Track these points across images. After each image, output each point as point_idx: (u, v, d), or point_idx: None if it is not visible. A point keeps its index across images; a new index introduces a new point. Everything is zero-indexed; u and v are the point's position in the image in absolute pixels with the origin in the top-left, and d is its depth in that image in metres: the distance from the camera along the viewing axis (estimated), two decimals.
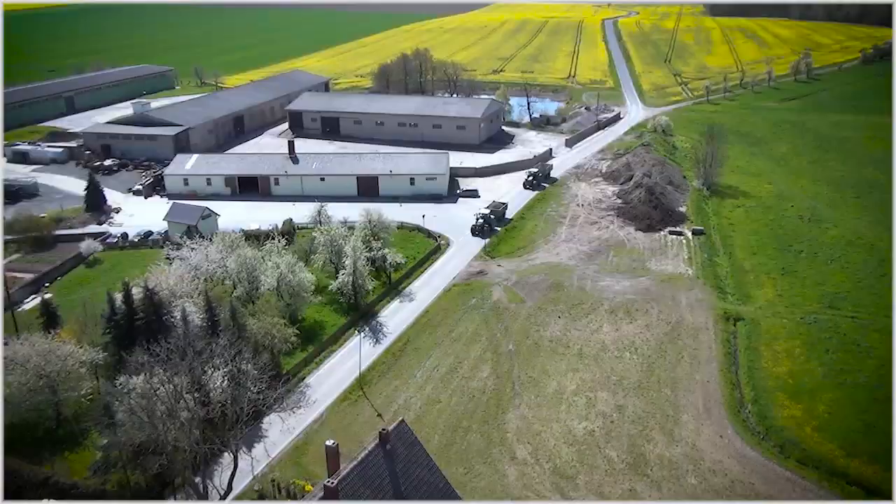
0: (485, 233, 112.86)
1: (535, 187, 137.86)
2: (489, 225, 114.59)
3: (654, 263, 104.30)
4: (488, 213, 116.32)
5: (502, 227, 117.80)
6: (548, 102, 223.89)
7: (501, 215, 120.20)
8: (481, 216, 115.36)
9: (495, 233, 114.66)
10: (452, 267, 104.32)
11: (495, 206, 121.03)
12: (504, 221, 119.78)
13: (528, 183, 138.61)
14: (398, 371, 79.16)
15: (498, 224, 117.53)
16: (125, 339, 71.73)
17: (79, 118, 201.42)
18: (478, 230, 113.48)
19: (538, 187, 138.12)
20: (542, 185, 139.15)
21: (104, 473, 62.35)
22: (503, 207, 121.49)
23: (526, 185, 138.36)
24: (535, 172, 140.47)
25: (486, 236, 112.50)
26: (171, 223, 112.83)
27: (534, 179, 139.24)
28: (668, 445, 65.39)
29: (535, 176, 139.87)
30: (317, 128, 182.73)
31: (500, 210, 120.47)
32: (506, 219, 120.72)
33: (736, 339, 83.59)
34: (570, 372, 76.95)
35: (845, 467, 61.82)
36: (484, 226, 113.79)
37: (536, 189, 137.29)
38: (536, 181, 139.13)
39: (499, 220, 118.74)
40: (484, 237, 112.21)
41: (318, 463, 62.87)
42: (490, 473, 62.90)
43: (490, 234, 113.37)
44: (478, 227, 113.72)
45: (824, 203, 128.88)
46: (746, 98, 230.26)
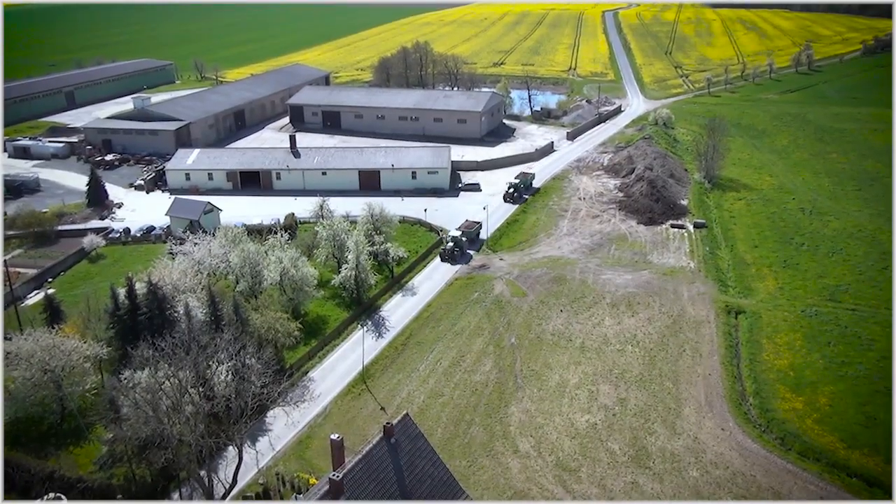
0: (455, 258, 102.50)
1: (516, 200, 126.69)
2: (460, 249, 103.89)
3: (655, 257, 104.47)
4: (459, 236, 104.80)
5: (476, 247, 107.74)
6: (549, 95, 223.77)
7: (475, 235, 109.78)
8: (451, 239, 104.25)
9: (467, 256, 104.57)
10: (449, 264, 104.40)
11: (468, 225, 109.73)
12: (478, 242, 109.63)
13: (509, 196, 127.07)
14: (401, 365, 79.47)
15: (471, 247, 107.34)
16: (129, 334, 72.02)
17: (79, 113, 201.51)
18: (448, 256, 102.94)
19: (519, 200, 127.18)
20: (523, 196, 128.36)
21: (109, 468, 62.83)
22: (477, 227, 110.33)
23: (506, 199, 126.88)
24: (515, 184, 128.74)
25: (458, 261, 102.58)
26: (173, 218, 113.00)
27: (514, 192, 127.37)
28: (670, 438, 65.70)
29: (515, 188, 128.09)
30: (318, 122, 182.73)
31: (474, 230, 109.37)
32: (480, 239, 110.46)
33: (737, 331, 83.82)
34: (573, 365, 77.24)
35: (846, 459, 62.12)
36: (454, 250, 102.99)
37: (517, 202, 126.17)
38: (518, 193, 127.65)
39: (471, 241, 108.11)
40: (454, 262, 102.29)
41: (322, 457, 63.29)
42: (493, 466, 63.25)
43: (461, 259, 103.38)
44: (448, 253, 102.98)
45: (825, 195, 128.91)
46: (747, 90, 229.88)
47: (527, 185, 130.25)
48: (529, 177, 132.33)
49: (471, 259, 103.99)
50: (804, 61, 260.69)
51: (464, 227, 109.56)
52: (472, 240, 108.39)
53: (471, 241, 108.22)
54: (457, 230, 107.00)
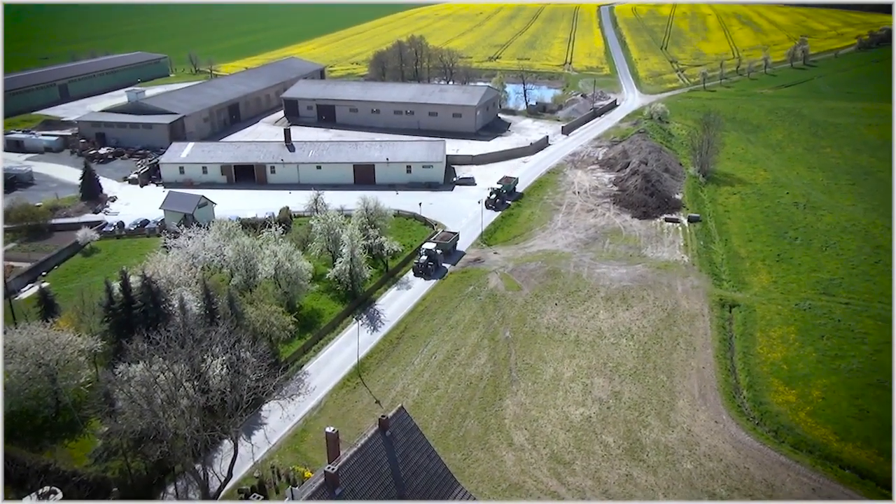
0: (429, 272, 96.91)
1: (498, 206, 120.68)
2: (435, 263, 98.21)
3: (650, 251, 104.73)
4: (434, 249, 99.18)
5: (453, 260, 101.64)
6: (544, 90, 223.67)
7: (451, 247, 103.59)
8: (424, 252, 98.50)
9: (442, 270, 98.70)
10: (516, 188, 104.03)
11: (444, 237, 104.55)
12: (455, 254, 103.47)
13: (491, 202, 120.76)
14: (396, 358, 79.58)
15: (447, 259, 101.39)
16: (123, 328, 71.89)
17: (73, 106, 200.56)
18: (421, 270, 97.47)
19: (502, 206, 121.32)
20: (505, 202, 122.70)
21: (105, 461, 62.80)
22: (453, 238, 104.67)
23: (488, 204, 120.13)
24: (497, 189, 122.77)
25: (432, 275, 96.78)
26: (167, 212, 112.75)
27: (496, 198, 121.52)
28: (663, 431, 66.00)
29: (497, 193, 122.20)
30: (312, 115, 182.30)
31: (450, 242, 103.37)
32: (457, 251, 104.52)
33: (731, 325, 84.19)
34: (567, 358, 77.47)
35: (839, 451, 62.53)
36: (428, 264, 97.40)
37: (500, 209, 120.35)
38: (500, 199, 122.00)
39: (447, 253, 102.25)
40: (428, 277, 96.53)
41: (317, 449, 63.40)
42: (488, 459, 63.46)
43: (435, 273, 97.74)
44: (421, 267, 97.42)
45: (819, 190, 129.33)
46: (742, 85, 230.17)
47: (510, 189, 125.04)
48: (513, 181, 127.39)
49: (446, 273, 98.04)
50: (799, 56, 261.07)
51: (439, 238, 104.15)
52: (447, 252, 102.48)
53: (446, 253, 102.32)
54: (431, 242, 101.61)
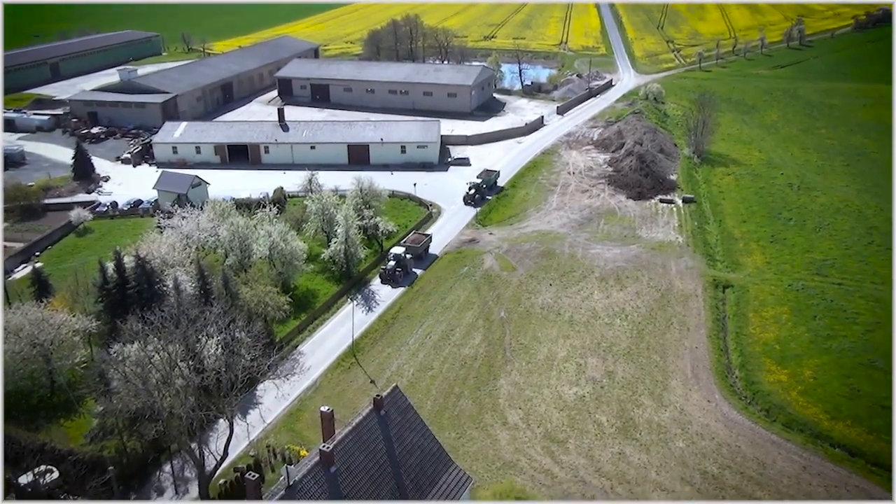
0: (397, 279, 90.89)
1: (477, 202, 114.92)
2: (404, 269, 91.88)
3: (644, 231, 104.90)
4: (403, 253, 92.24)
5: (424, 265, 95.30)
6: (539, 69, 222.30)
7: (423, 250, 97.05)
8: (393, 257, 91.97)
9: (412, 276, 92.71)
10: (444, 235, 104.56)
11: (414, 239, 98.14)
12: (427, 258, 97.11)
13: (469, 197, 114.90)
14: (391, 338, 79.82)
15: (418, 264, 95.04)
16: (118, 308, 71.83)
17: (64, 85, 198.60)
18: (388, 276, 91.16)
19: (481, 202, 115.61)
20: (485, 198, 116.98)
21: (100, 440, 63.06)
22: (426, 241, 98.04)
23: (466, 200, 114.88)
24: (477, 184, 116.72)
25: (400, 282, 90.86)
26: (160, 192, 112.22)
27: (476, 193, 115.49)
28: (656, 410, 66.54)
29: (477, 188, 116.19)
30: (306, 95, 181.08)
31: (421, 245, 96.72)
32: (431, 254, 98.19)
33: (724, 305, 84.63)
34: (561, 338, 77.82)
35: (829, 430, 63.19)
36: (396, 270, 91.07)
37: (479, 205, 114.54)
38: (479, 194, 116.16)
39: (418, 258, 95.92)
40: (395, 285, 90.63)
41: (312, 429, 63.74)
42: (482, 438, 63.93)
43: (404, 279, 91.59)
44: (388, 273, 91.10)
45: (813, 171, 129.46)
46: (738, 65, 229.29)
47: (490, 184, 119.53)
48: (493, 175, 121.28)
49: (416, 278, 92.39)
50: (795, 36, 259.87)
51: (409, 241, 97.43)
52: (418, 256, 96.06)
53: (417, 257, 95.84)
54: (400, 245, 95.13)
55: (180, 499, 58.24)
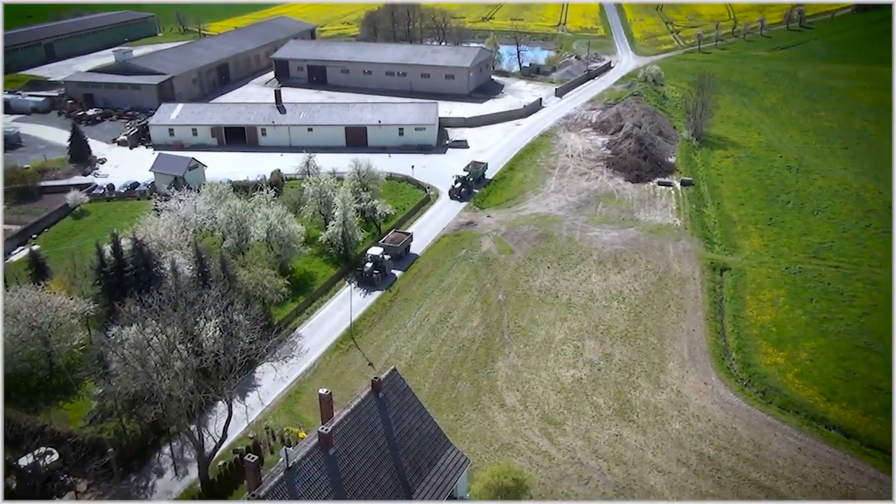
0: (373, 282, 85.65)
1: (463, 196, 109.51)
2: (382, 271, 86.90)
3: (642, 214, 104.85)
4: (380, 255, 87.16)
5: (404, 266, 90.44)
6: (538, 51, 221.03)
7: (403, 250, 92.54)
8: (370, 259, 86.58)
9: (391, 278, 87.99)
10: (442, 218, 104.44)
11: (394, 238, 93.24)
12: (407, 258, 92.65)
13: (456, 191, 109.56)
14: (389, 321, 79.95)
15: (397, 265, 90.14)
16: (116, 291, 71.77)
17: (59, 66, 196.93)
18: (366, 279, 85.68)
19: (468, 196, 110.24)
20: (472, 191, 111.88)
21: (100, 422, 63.34)
22: (406, 240, 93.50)
23: (452, 194, 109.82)
24: (463, 177, 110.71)
25: (377, 286, 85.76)
26: (157, 174, 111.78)
27: (461, 186, 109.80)
28: (653, 392, 66.89)
29: (463, 181, 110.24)
30: (303, 77, 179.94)
31: (401, 245, 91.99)
32: (411, 254, 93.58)
33: (722, 288, 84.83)
34: (559, 321, 78.02)
35: (825, 412, 63.60)
36: (374, 273, 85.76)
37: (465, 199, 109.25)
38: (466, 188, 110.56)
39: (398, 258, 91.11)
40: (372, 288, 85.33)
41: (311, 411, 64.01)
42: (480, 420, 64.26)
43: (381, 282, 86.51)
44: (366, 276, 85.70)
45: (812, 153, 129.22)
46: (738, 47, 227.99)
47: (477, 176, 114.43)
48: (481, 167, 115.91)
49: (395, 280, 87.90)
50: (795, 18, 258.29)
51: (388, 240, 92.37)
52: (398, 256, 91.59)
53: (397, 257, 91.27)
54: (378, 245, 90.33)
55: (180, 480, 58.61)
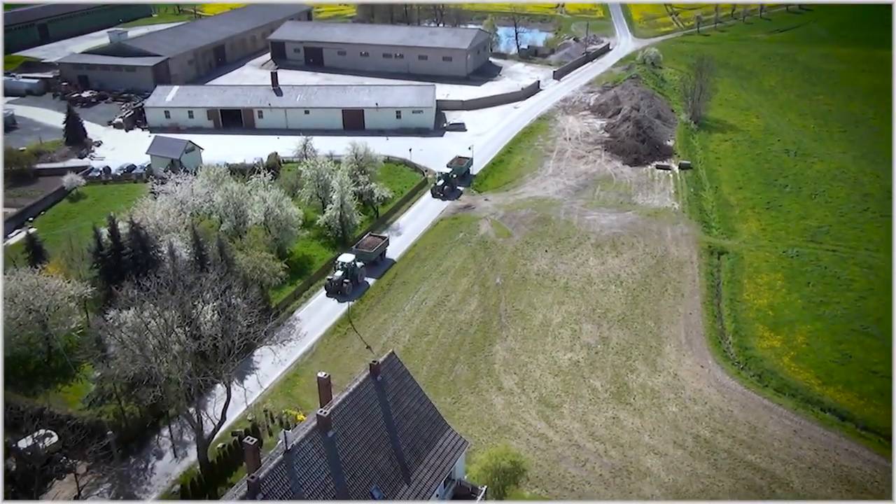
0: (344, 292, 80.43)
1: (447, 195, 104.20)
2: (353, 279, 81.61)
3: (640, 197, 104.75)
4: (352, 262, 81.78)
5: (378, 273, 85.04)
6: (536, 33, 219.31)
7: (379, 256, 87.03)
8: (341, 267, 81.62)
9: (363, 286, 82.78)
10: (440, 201, 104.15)
11: (369, 243, 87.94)
12: (383, 263, 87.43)
13: (439, 189, 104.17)
14: (387, 304, 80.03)
15: (370, 272, 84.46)
16: (113, 274, 71.73)
17: (53, 48, 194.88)
18: (335, 288, 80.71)
19: (451, 194, 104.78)
20: (457, 189, 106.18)
21: (99, 405, 63.53)
22: (382, 244, 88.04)
23: (435, 193, 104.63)
24: (447, 174, 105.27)
25: (346, 297, 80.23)
26: (154, 157, 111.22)
27: (445, 184, 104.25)
28: (650, 375, 67.21)
29: (447, 179, 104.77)
30: (300, 58, 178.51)
31: (376, 249, 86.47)
32: (387, 259, 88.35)
33: (719, 272, 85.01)
34: (556, 305, 78.17)
35: (820, 395, 64.05)
36: (344, 282, 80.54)
37: (449, 197, 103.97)
38: (450, 186, 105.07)
39: (371, 265, 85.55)
40: (343, 298, 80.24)
41: (309, 394, 64.27)
42: (478, 403, 64.57)
43: (353, 292, 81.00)
44: (335, 285, 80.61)
45: (810, 137, 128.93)
46: (737, 29, 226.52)
47: (462, 173, 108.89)
48: (466, 163, 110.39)
49: (367, 288, 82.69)
50: None
51: (363, 245, 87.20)
52: (372, 262, 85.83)
53: (371, 263, 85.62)
54: (350, 252, 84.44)
55: (179, 462, 58.91)
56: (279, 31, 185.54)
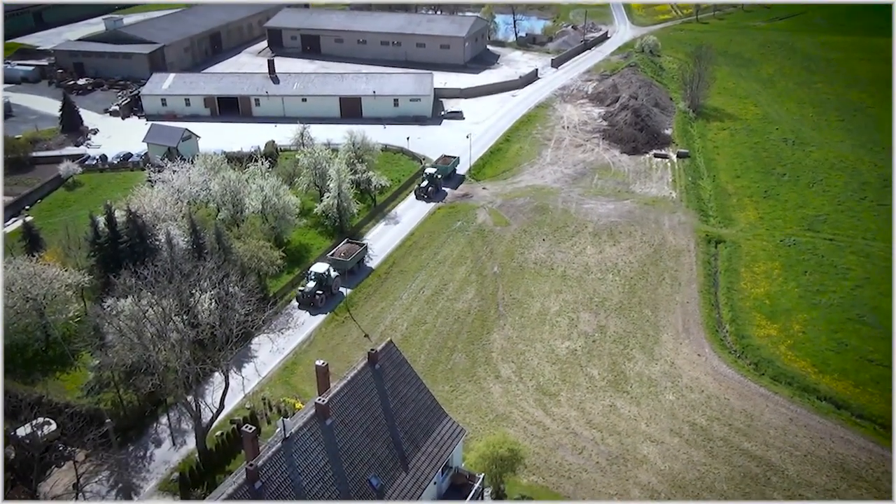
0: (316, 304, 76.30)
1: (431, 197, 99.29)
2: (326, 290, 77.43)
3: (638, 186, 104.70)
4: (326, 272, 77.64)
5: (332, 305, 77.54)
6: (534, 20, 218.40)
7: (354, 267, 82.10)
8: (314, 277, 77.13)
9: (337, 298, 78.43)
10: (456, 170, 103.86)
11: (346, 251, 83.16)
12: (362, 271, 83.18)
13: (422, 191, 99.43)
14: (384, 293, 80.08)
15: (329, 302, 77.81)
16: (110, 263, 71.59)
17: (48, 34, 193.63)
18: (306, 300, 76.23)
19: (436, 196, 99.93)
20: (441, 190, 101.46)
21: (97, 393, 63.64)
22: (358, 253, 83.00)
23: (419, 195, 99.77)
24: (431, 174, 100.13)
25: (320, 308, 76.45)
26: (150, 145, 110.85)
27: (429, 185, 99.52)
28: (647, 364, 67.44)
29: (431, 180, 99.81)
30: (297, 46, 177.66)
31: (350, 260, 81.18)
32: (365, 268, 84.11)
33: (717, 260, 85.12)
34: (554, 293, 78.28)
35: (816, 383, 64.31)
36: (315, 293, 76.27)
37: (434, 199, 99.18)
38: (434, 187, 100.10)
39: (347, 274, 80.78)
40: (315, 311, 76.21)
41: (307, 382, 64.41)
42: (475, 391, 64.77)
43: (326, 304, 76.95)
44: (307, 296, 76.05)
45: (809, 126, 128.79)
46: (736, 17, 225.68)
47: (447, 173, 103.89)
48: (452, 162, 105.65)
49: (341, 301, 77.47)
50: None
51: (339, 253, 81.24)
52: (348, 272, 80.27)
53: (347, 272, 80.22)
54: (324, 261, 79.67)
55: (177, 450, 59.09)
56: (276, 18, 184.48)
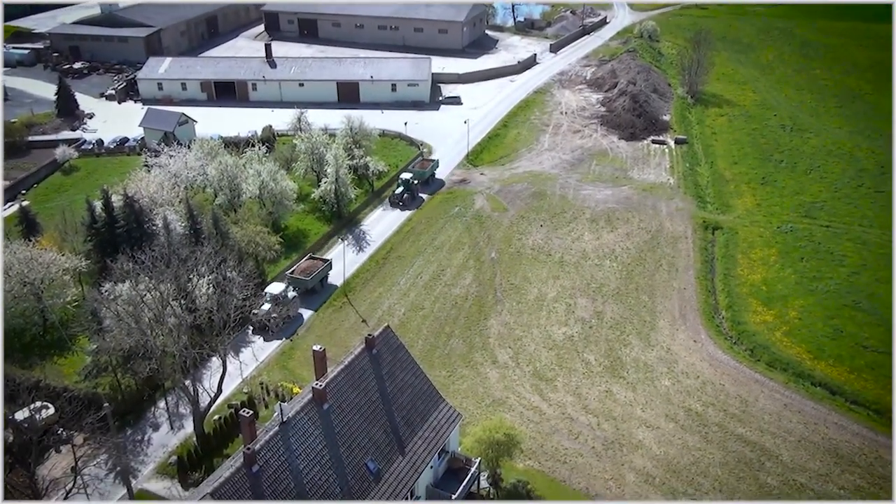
0: (271, 328, 69.05)
1: (407, 204, 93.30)
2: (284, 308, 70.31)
3: (636, 172, 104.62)
4: (282, 293, 70.85)
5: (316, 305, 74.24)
6: (533, 6, 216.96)
7: (317, 283, 76.04)
8: (271, 298, 70.55)
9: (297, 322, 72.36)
10: (435, 175, 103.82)
11: (308, 267, 77.08)
12: (325, 290, 76.81)
13: (398, 197, 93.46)
14: (382, 278, 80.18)
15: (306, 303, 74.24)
16: (107, 247, 71.52)
17: (43, 18, 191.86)
18: (260, 326, 69.40)
19: (412, 203, 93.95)
20: (418, 196, 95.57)
21: (95, 377, 63.76)
22: (321, 269, 76.53)
23: (394, 202, 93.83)
24: (406, 180, 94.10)
25: (275, 335, 69.70)
26: (147, 129, 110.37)
27: (404, 191, 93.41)
28: (644, 349, 67.72)
29: (406, 186, 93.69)
30: (294, 30, 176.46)
31: (313, 277, 74.99)
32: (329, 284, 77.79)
33: (714, 247, 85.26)
34: (551, 279, 78.44)
35: (811, 369, 64.66)
36: (271, 316, 68.97)
37: (409, 207, 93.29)
38: (410, 194, 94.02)
39: (310, 292, 75.27)
40: (269, 336, 69.78)
41: (304, 367, 64.61)
42: (472, 376, 65.05)
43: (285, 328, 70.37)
44: (261, 320, 69.02)
45: (807, 112, 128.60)
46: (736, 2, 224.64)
47: (424, 178, 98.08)
48: (430, 166, 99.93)
49: (301, 324, 71.72)
50: None
51: (298, 271, 75.13)
52: (311, 290, 75.06)
53: (310, 290, 74.99)
54: (282, 281, 73.98)
55: (175, 434, 59.32)
56: (272, 1, 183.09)
